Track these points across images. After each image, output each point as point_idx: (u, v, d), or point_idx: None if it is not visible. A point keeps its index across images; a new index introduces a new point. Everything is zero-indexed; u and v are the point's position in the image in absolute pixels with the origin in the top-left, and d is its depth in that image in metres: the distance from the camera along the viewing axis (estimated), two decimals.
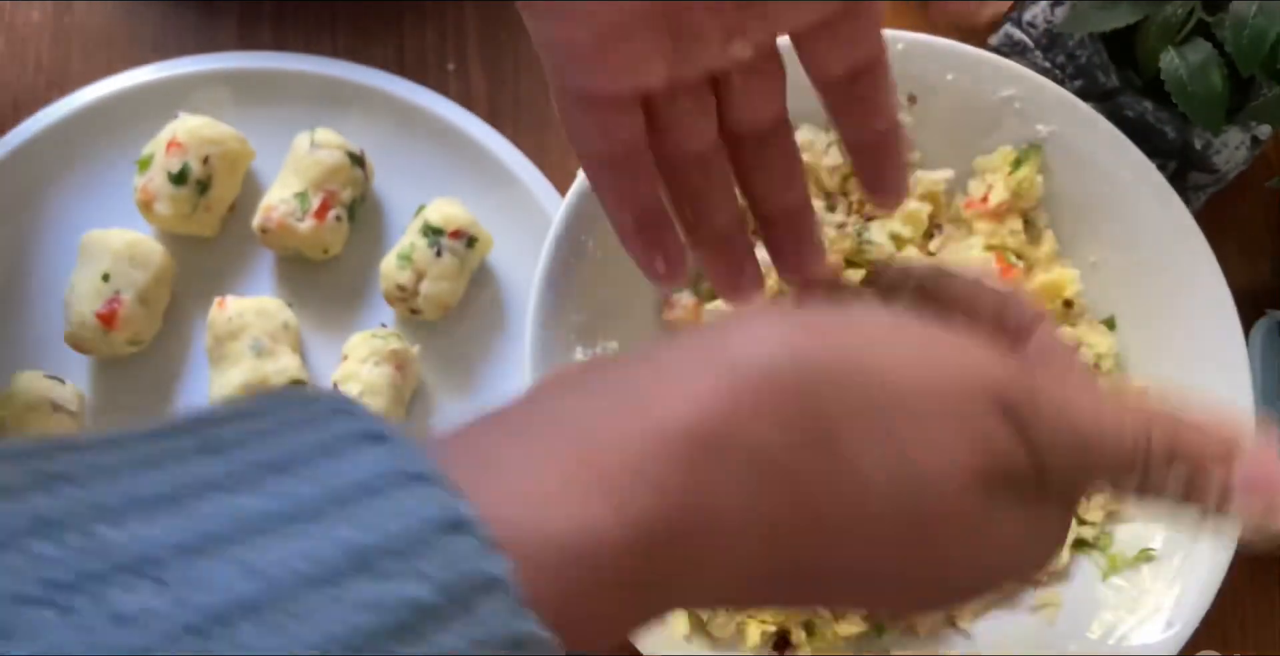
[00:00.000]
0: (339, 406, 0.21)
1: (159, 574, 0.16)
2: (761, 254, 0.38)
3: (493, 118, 0.58)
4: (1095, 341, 0.53)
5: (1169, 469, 0.27)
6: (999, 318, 0.31)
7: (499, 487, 0.21)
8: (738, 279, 0.37)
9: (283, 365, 0.52)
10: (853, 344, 0.26)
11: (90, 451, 0.19)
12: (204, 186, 0.54)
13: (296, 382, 0.52)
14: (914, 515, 0.26)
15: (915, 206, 0.53)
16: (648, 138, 0.34)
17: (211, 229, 0.55)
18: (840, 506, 0.25)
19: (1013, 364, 0.27)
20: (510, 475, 0.22)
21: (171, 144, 0.53)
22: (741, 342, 0.26)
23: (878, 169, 0.36)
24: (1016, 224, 0.54)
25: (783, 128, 0.36)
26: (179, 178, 0.53)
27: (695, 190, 0.36)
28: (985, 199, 0.53)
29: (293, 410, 0.21)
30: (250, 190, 0.57)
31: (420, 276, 0.53)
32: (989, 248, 0.53)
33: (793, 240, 0.37)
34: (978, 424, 0.26)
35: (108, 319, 0.52)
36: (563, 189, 0.54)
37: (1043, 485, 0.27)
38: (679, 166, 0.35)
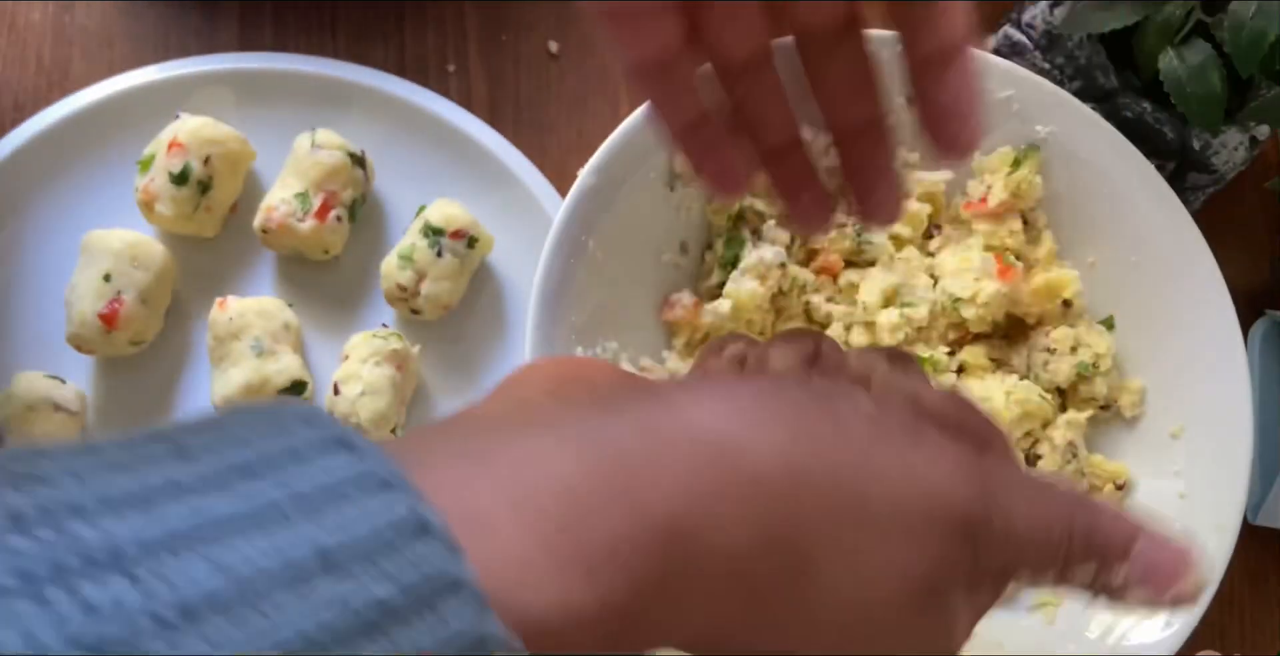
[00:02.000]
0: (307, 416, 0.21)
1: (129, 568, 0.17)
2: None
3: (493, 118, 0.58)
4: (1094, 342, 0.53)
5: (1085, 563, 0.29)
6: (961, 427, 0.31)
7: (480, 546, 0.21)
8: (796, 203, 0.35)
9: (284, 365, 0.52)
10: (841, 460, 0.27)
11: (63, 457, 0.19)
12: (205, 187, 0.54)
13: (298, 383, 0.52)
14: (861, 624, 0.27)
15: (915, 207, 0.54)
16: (692, 42, 0.31)
17: (212, 229, 0.56)
18: (796, 612, 0.26)
19: (975, 482, 0.28)
20: (491, 532, 0.21)
21: (173, 144, 0.53)
22: (741, 438, 0.26)
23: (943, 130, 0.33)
24: (1016, 224, 0.54)
25: (852, 27, 0.32)
26: (180, 178, 0.53)
27: (747, 101, 0.33)
28: (984, 200, 0.53)
29: (261, 419, 0.21)
30: (251, 191, 0.57)
31: (421, 276, 0.54)
32: (988, 248, 0.53)
33: (868, 170, 0.34)
34: (937, 545, 0.27)
35: (109, 319, 0.52)
36: (563, 189, 0.54)
37: (977, 582, 0.29)
38: (728, 74, 0.33)
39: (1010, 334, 0.55)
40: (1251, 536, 0.55)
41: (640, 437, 0.25)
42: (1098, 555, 0.29)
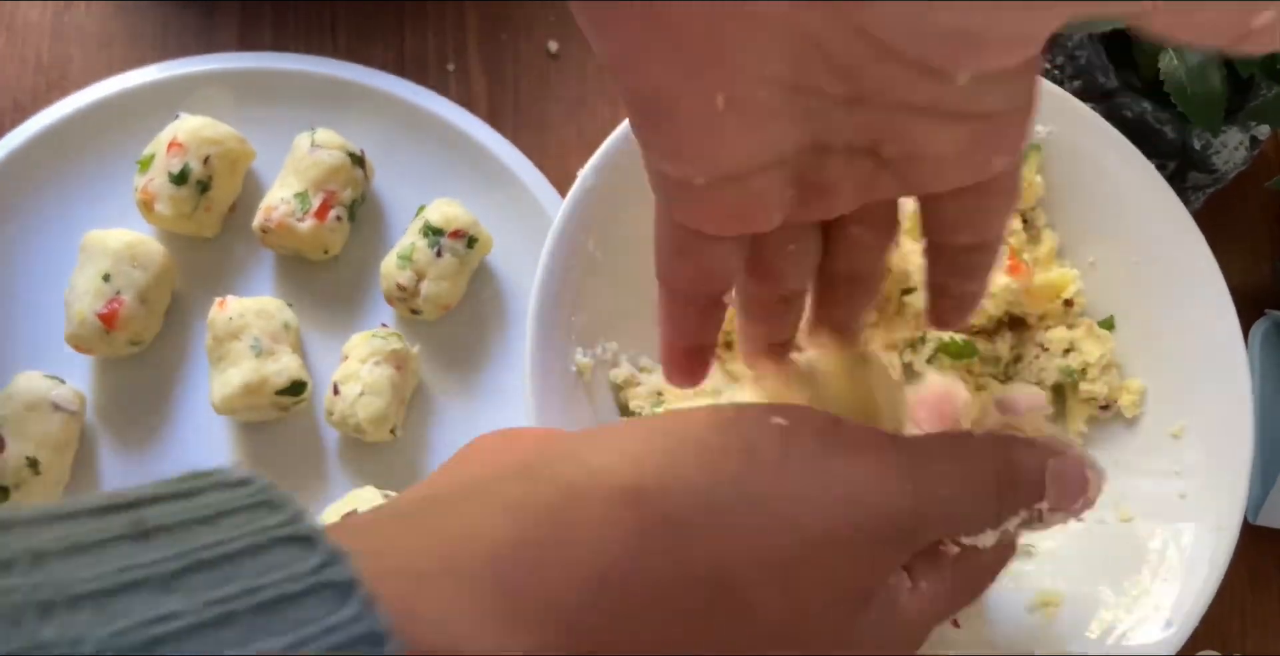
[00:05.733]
0: (266, 496, 0.22)
1: None
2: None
3: (493, 118, 0.58)
4: (1088, 349, 0.53)
5: (1014, 514, 0.31)
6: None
7: (422, 607, 0.23)
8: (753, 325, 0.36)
9: (283, 365, 0.52)
10: (758, 489, 0.27)
11: (26, 528, 0.20)
12: (204, 187, 0.54)
13: (297, 383, 0.52)
14: (803, 639, 0.28)
15: (913, 207, 0.53)
16: (743, 272, 0.33)
17: (212, 229, 0.56)
18: (735, 638, 0.27)
19: (896, 473, 0.29)
20: (431, 594, 0.23)
21: (172, 144, 0.53)
22: (653, 483, 0.27)
23: (948, 309, 0.36)
24: (1015, 224, 0.54)
25: (879, 274, 0.35)
26: (179, 178, 0.53)
27: (765, 316, 0.35)
28: None
29: (219, 495, 0.22)
30: (251, 190, 0.57)
31: (420, 276, 0.54)
32: None
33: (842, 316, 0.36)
34: (868, 550, 0.28)
35: (108, 319, 0.52)
36: (563, 189, 0.54)
37: (923, 570, 0.31)
38: (765, 303, 0.35)
39: (1009, 330, 0.55)
40: (1251, 536, 0.55)
41: (560, 496, 0.26)
42: (1024, 501, 0.31)
